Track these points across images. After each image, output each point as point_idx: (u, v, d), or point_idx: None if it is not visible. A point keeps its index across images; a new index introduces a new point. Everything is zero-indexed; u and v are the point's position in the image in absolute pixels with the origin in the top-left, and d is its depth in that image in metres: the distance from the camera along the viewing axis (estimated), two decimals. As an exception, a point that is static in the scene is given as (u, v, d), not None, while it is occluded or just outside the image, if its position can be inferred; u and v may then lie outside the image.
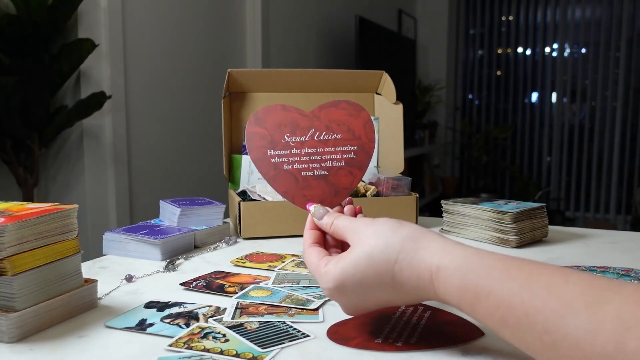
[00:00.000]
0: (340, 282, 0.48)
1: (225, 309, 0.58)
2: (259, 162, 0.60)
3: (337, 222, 0.53)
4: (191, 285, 0.66)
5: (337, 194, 0.60)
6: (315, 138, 0.61)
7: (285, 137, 0.61)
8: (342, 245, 0.55)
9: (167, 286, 0.68)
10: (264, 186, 1.03)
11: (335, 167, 0.60)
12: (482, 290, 0.42)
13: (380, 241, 0.48)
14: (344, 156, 0.60)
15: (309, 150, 0.60)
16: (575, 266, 0.74)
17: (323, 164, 0.60)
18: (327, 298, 0.61)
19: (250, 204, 0.93)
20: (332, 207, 0.57)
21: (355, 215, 0.57)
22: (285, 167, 0.60)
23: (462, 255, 0.45)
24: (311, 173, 0.60)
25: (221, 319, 0.56)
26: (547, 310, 0.38)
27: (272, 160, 0.60)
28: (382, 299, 0.48)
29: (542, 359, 0.39)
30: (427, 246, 0.46)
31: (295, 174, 0.60)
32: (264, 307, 0.59)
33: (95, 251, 0.88)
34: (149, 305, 0.60)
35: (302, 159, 0.60)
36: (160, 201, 0.95)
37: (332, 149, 0.61)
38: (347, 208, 0.57)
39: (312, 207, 0.56)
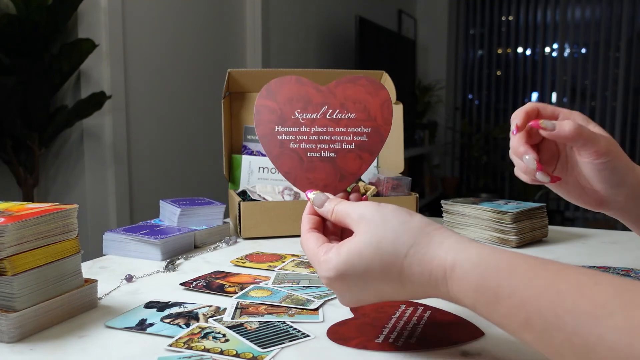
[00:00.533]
0: (342, 271, 0.45)
1: (225, 309, 0.58)
2: (265, 138, 0.57)
3: (339, 207, 0.49)
4: (191, 285, 0.66)
5: (342, 178, 0.56)
6: (327, 116, 0.57)
7: (296, 112, 0.57)
8: (341, 233, 0.53)
9: (167, 286, 0.68)
10: (264, 186, 1.03)
11: (344, 150, 0.56)
12: (504, 290, 0.40)
13: (390, 232, 0.45)
14: (355, 138, 0.57)
15: (319, 129, 0.57)
16: (575, 266, 0.74)
17: (332, 145, 0.56)
18: (328, 298, 0.61)
19: (250, 204, 0.93)
20: (335, 193, 0.54)
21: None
22: (291, 145, 0.57)
23: (480, 252, 0.42)
24: (318, 154, 0.56)
25: (221, 319, 0.56)
26: (579, 311, 0.36)
27: (279, 137, 0.57)
28: (386, 292, 0.46)
29: None
30: (441, 242, 0.44)
31: (300, 153, 0.56)
32: (264, 307, 0.59)
33: (95, 251, 0.88)
34: (149, 305, 0.60)
35: (311, 138, 0.57)
36: (160, 201, 0.95)
37: (344, 130, 0.57)
38: (352, 197, 0.54)
39: (311, 194, 0.52)
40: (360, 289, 0.46)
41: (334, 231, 0.53)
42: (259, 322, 0.55)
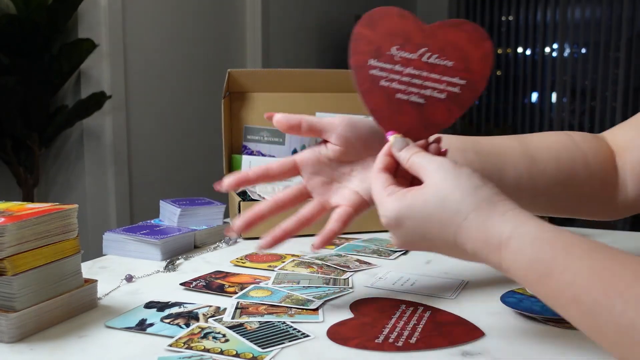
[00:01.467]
0: (401, 215, 0.47)
1: (225, 309, 0.58)
2: (357, 70, 0.54)
3: (415, 158, 0.50)
4: (191, 285, 0.66)
5: (427, 128, 0.54)
6: (423, 59, 0.54)
7: (393, 49, 0.54)
8: (412, 180, 0.52)
9: (167, 286, 0.68)
10: (263, 186, 1.03)
11: (434, 98, 0.53)
12: (558, 265, 0.41)
13: (458, 191, 0.46)
14: (447, 88, 0.53)
15: (413, 72, 0.54)
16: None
17: (422, 91, 0.53)
18: (327, 298, 0.61)
19: (250, 204, 0.93)
20: (415, 141, 0.53)
21: (438, 155, 0.52)
22: (381, 82, 0.54)
23: (540, 228, 0.43)
24: (406, 97, 0.54)
25: (221, 319, 0.56)
26: (630, 295, 0.37)
27: (370, 71, 0.54)
28: (438, 246, 0.48)
29: (610, 344, 0.38)
30: (504, 212, 0.45)
31: (390, 93, 0.54)
32: (264, 307, 0.59)
33: (95, 251, 0.88)
34: (149, 305, 0.60)
35: (403, 79, 0.54)
36: (160, 201, 0.95)
37: (438, 77, 0.53)
38: (432, 147, 0.53)
39: (391, 137, 0.52)
40: (415, 236, 0.48)
41: (405, 175, 0.52)
42: (259, 322, 0.55)
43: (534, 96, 5.31)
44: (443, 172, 0.47)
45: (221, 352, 0.48)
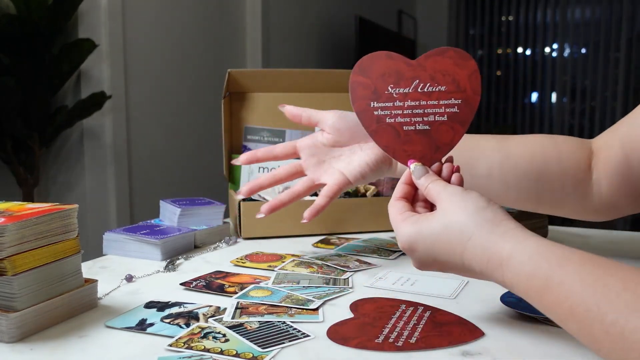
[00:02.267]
0: (412, 240, 0.51)
1: (225, 309, 0.58)
2: (362, 114, 0.60)
3: (432, 186, 0.54)
4: (191, 285, 0.66)
5: (437, 150, 0.59)
6: (419, 90, 0.59)
7: (389, 88, 0.59)
8: (431, 205, 0.56)
9: (167, 286, 0.68)
10: (264, 186, 1.03)
11: (437, 122, 0.59)
12: (554, 279, 0.42)
13: (462, 215, 0.49)
14: (447, 110, 0.59)
15: (412, 103, 0.59)
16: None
17: (425, 118, 0.59)
18: (327, 298, 0.61)
19: (250, 204, 0.93)
20: (431, 164, 0.58)
21: (452, 173, 0.57)
22: (387, 120, 0.59)
23: (537, 244, 0.45)
24: (413, 127, 0.59)
25: (221, 319, 0.56)
26: (620, 304, 0.38)
27: (375, 112, 0.59)
28: (449, 267, 0.51)
29: (606, 353, 0.39)
30: (505, 232, 0.47)
31: (397, 127, 0.59)
32: (264, 307, 0.59)
33: (95, 251, 0.88)
34: (149, 305, 0.60)
35: (405, 112, 0.59)
36: (161, 201, 0.95)
37: (436, 102, 0.59)
38: (445, 166, 0.58)
39: (412, 165, 0.57)
40: (427, 259, 0.52)
41: (425, 201, 0.57)
42: (259, 322, 0.55)
43: (534, 96, 5.31)
44: (452, 197, 0.51)
45: (221, 352, 0.48)
